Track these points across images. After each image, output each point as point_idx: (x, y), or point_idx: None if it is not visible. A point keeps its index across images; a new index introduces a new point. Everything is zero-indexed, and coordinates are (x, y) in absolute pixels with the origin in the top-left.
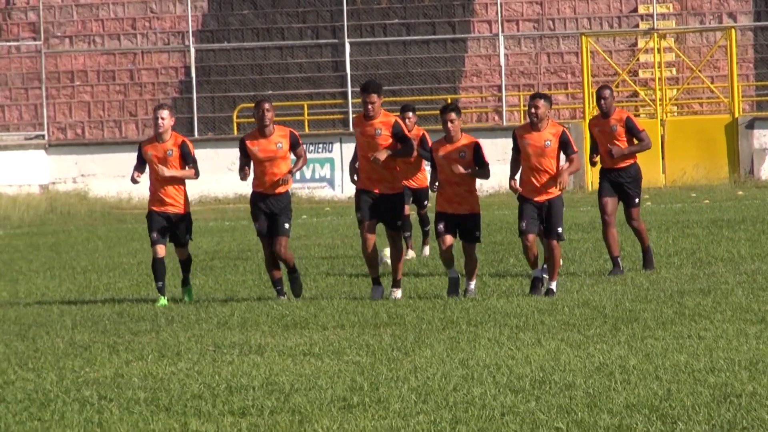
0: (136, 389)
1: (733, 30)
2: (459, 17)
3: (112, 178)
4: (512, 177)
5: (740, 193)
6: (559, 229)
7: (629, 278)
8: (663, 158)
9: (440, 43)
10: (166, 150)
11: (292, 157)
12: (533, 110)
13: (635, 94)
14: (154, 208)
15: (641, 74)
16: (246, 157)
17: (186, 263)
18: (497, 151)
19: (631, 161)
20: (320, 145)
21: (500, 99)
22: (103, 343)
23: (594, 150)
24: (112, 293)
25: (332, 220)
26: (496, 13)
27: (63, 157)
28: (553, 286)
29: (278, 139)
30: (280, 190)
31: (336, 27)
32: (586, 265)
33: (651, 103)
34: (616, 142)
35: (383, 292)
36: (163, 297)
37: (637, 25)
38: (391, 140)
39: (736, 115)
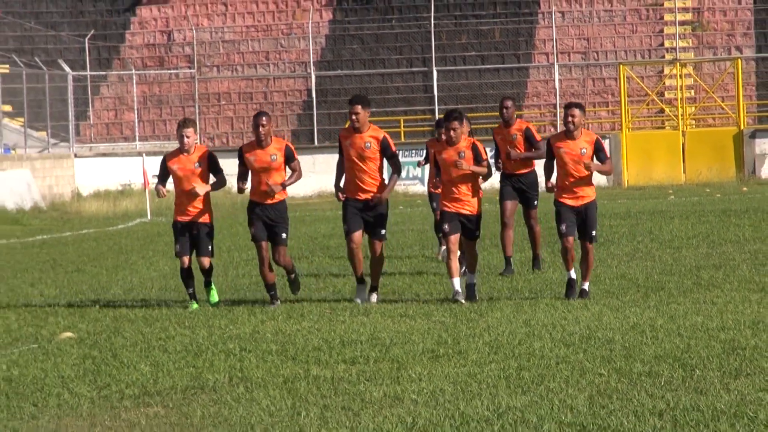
0: (269, 342)
1: (739, 60)
2: (523, 50)
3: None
4: (548, 179)
5: (744, 189)
6: (594, 232)
7: (657, 256)
8: (684, 161)
9: (508, 71)
10: (193, 163)
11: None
12: (570, 119)
13: (662, 111)
14: (179, 219)
15: (666, 95)
16: (244, 166)
17: (207, 271)
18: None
19: (530, 169)
20: (413, 151)
21: (555, 115)
22: (243, 306)
23: (497, 156)
24: (250, 267)
25: (422, 210)
26: (552, 47)
27: None
28: (586, 286)
29: (274, 151)
30: (275, 199)
31: (426, 58)
32: (623, 245)
33: (674, 118)
34: (516, 149)
35: (366, 289)
36: (194, 302)
37: (664, 56)
38: (379, 154)
39: (742, 127)
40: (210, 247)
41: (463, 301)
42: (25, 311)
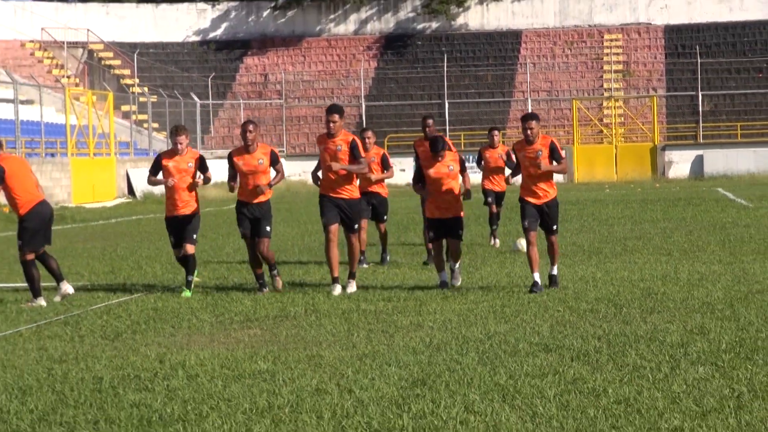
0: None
1: (655, 97)
2: (506, 89)
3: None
4: (510, 176)
5: (657, 185)
6: (555, 226)
7: (596, 230)
8: (616, 166)
9: (496, 103)
10: (187, 162)
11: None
12: (529, 131)
13: (601, 131)
14: (170, 215)
15: (605, 120)
16: (233, 170)
17: (190, 260)
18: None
19: None
20: None
21: None
22: (314, 264)
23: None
24: (315, 239)
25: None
26: (527, 87)
27: (295, 163)
28: (555, 271)
29: (260, 156)
30: (260, 199)
31: (440, 93)
32: (573, 223)
33: (610, 136)
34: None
35: (341, 288)
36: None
37: (603, 94)
38: (349, 155)
39: (656, 143)
40: (195, 235)
41: (449, 287)
42: (167, 263)
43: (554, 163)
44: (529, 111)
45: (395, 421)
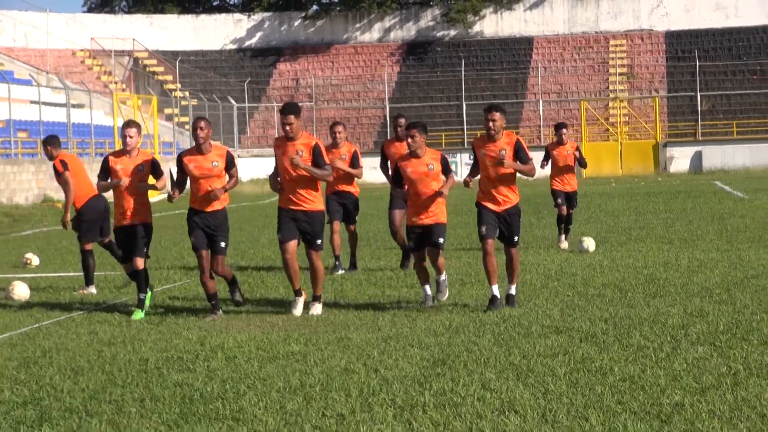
0: (360, 275)
1: (656, 98)
2: (519, 91)
3: None
4: (468, 176)
5: (659, 179)
6: (516, 238)
7: (603, 221)
8: (621, 161)
9: (510, 104)
10: (136, 165)
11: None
12: (490, 124)
13: (607, 130)
14: (118, 224)
15: (610, 119)
16: (182, 173)
17: (138, 276)
18: (537, 159)
19: None
20: (449, 154)
21: (539, 132)
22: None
23: (386, 167)
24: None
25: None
26: (538, 89)
27: None
28: (513, 290)
29: (215, 158)
30: (215, 206)
31: (458, 96)
32: (582, 214)
33: (615, 134)
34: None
35: (302, 305)
36: (140, 310)
37: (609, 95)
38: (311, 162)
39: (658, 140)
40: (145, 249)
41: (432, 304)
42: None
43: (518, 162)
44: (541, 110)
45: (417, 398)
